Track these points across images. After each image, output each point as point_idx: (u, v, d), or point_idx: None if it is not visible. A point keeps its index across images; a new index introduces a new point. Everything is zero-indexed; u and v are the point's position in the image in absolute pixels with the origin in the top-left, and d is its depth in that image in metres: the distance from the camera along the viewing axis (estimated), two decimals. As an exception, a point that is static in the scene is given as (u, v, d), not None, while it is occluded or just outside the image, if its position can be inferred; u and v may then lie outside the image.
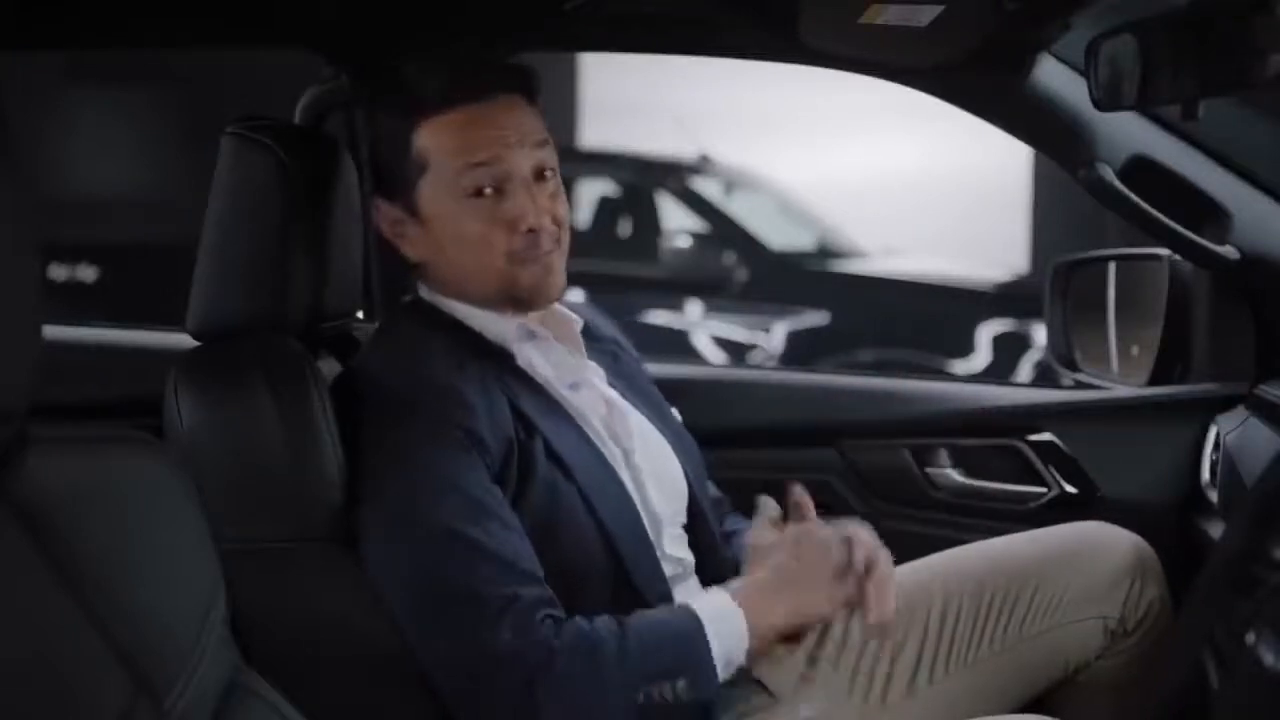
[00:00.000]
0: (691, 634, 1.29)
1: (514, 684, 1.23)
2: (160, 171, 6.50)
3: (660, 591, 1.39)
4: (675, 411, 1.60)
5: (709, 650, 1.28)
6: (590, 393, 1.46)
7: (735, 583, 1.36)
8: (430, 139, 1.39)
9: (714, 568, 1.49)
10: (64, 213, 5.69)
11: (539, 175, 1.41)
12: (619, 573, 1.36)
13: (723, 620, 1.30)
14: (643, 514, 1.41)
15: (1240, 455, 1.63)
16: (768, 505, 1.44)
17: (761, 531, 1.41)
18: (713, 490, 1.62)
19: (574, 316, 1.50)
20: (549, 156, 1.42)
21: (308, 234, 1.43)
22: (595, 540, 1.36)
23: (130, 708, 0.91)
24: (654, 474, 1.46)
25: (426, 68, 1.42)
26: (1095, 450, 1.87)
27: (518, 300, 1.42)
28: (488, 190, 1.38)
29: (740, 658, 1.31)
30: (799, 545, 1.36)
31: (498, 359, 1.42)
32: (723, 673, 1.29)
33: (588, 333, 1.53)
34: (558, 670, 1.24)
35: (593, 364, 1.51)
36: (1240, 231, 1.72)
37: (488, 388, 1.36)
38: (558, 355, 1.46)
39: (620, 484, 1.40)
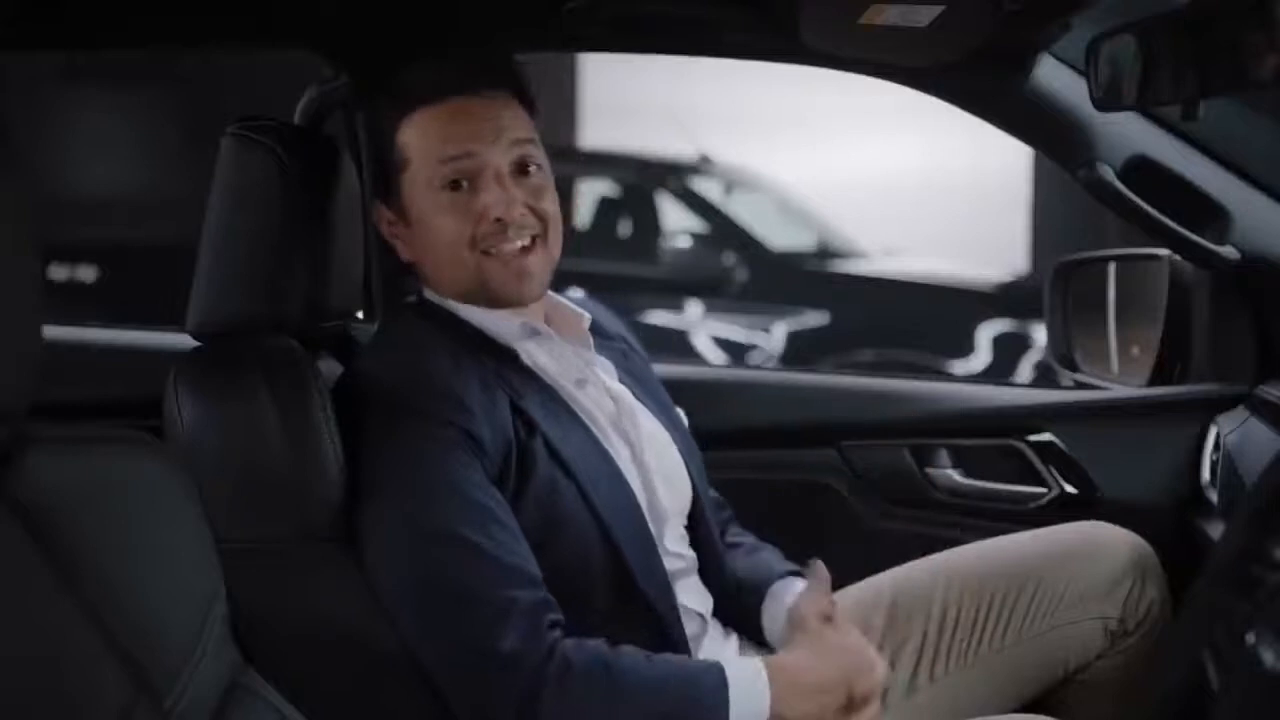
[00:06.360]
0: (712, 688, 1.26)
1: (517, 688, 1.23)
2: (160, 171, 6.50)
3: (662, 587, 1.38)
4: (681, 413, 1.60)
5: (726, 709, 1.25)
6: (597, 390, 1.46)
7: (775, 657, 1.35)
8: (411, 134, 1.41)
9: (714, 566, 1.49)
10: (64, 213, 5.69)
11: (520, 170, 1.41)
12: (619, 569, 1.35)
13: (748, 688, 1.27)
14: (648, 511, 1.41)
15: (1240, 455, 1.63)
16: (819, 570, 1.42)
17: (809, 599, 1.39)
18: (711, 493, 1.61)
19: (582, 312, 1.50)
20: (532, 152, 1.42)
21: (308, 234, 1.43)
22: (595, 537, 1.35)
23: (130, 707, 0.91)
24: (662, 472, 1.46)
25: (418, 65, 1.43)
26: (1095, 450, 1.87)
27: (491, 298, 1.42)
28: (461, 184, 1.39)
29: None
30: (845, 651, 1.34)
31: (501, 357, 1.41)
32: None
33: (596, 329, 1.53)
34: (567, 686, 1.23)
35: (601, 358, 1.51)
36: (1240, 231, 1.73)
37: (488, 387, 1.36)
38: (563, 352, 1.46)
39: (622, 480, 1.40)
